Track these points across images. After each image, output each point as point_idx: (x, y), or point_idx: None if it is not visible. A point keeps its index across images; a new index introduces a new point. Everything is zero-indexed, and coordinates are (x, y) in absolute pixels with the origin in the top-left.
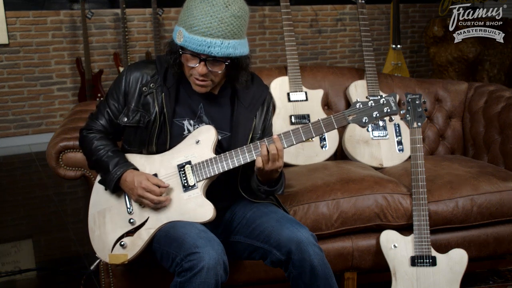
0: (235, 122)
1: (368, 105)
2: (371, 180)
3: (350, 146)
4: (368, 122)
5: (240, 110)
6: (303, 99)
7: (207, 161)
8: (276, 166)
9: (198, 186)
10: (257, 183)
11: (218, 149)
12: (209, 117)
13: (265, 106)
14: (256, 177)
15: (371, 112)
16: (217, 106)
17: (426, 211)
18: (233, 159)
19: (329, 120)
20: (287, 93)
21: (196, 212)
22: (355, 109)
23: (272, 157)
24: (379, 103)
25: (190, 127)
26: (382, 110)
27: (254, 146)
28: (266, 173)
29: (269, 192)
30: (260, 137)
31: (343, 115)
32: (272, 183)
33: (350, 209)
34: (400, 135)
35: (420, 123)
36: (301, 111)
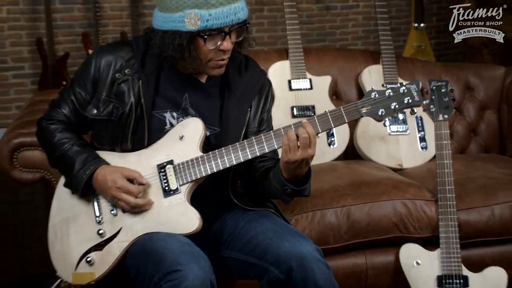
0: (225, 115)
1: (385, 95)
2: (388, 183)
3: (363, 143)
4: (385, 115)
5: (231, 101)
6: (307, 87)
7: (193, 160)
8: (308, 154)
9: (182, 190)
10: (283, 182)
11: (206, 147)
12: (196, 110)
13: (262, 96)
14: (280, 175)
15: (389, 103)
16: (205, 97)
17: (455, 220)
18: (224, 159)
19: (338, 112)
20: (288, 80)
21: (179, 221)
22: (370, 100)
23: (303, 143)
24: (399, 93)
25: (172, 121)
26: (402, 100)
27: (249, 143)
28: (294, 166)
29: (297, 192)
30: (255, 132)
31: (355, 106)
32: (300, 180)
33: (364, 218)
34: (423, 130)
35: (447, 115)
36: (304, 101)
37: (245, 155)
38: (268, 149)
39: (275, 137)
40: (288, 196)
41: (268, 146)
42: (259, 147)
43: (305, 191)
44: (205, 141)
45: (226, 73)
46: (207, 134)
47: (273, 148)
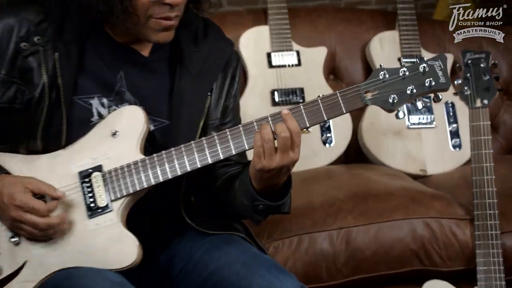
0: (177, 102)
1: (398, 75)
2: (405, 195)
3: (371, 140)
4: (398, 103)
5: (185, 82)
6: (293, 63)
7: (130, 166)
8: (289, 159)
9: (114, 208)
10: (253, 196)
11: (149, 147)
12: (135, 94)
13: (228, 75)
14: (249, 185)
15: (403, 87)
16: (147, 76)
17: (498, 247)
18: (174, 164)
19: (333, 99)
20: (267, 53)
21: (109, 251)
22: (377, 82)
23: (283, 144)
24: (417, 71)
25: (102, 110)
26: (421, 83)
27: (209, 142)
28: (270, 175)
29: (273, 209)
30: (217, 125)
31: (356, 91)
32: (276, 193)
33: (370, 244)
34: (456, 122)
35: (488, 101)
36: (290, 83)
37: (203, 159)
38: (235, 150)
39: (245, 134)
40: (259, 214)
41: (235, 146)
42: (223, 148)
43: (283, 207)
44: (148, 139)
45: (177, 43)
46: (151, 129)
47: (242, 149)
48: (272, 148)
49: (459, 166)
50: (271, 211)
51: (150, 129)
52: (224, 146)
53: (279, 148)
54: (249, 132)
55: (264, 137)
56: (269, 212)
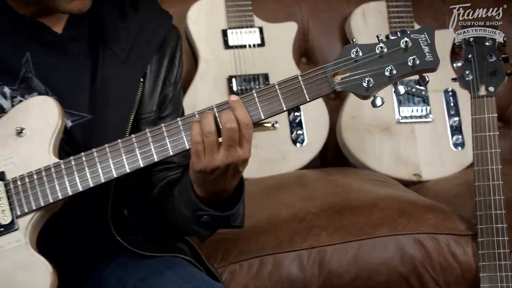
0: (100, 91)
1: (374, 52)
2: (391, 206)
3: (352, 138)
4: (374, 87)
5: (110, 66)
6: (255, 42)
7: (41, 173)
8: (236, 156)
9: (20, 226)
10: (195, 204)
11: (66, 148)
12: (46, 81)
13: (165, 56)
14: (191, 191)
15: (380, 67)
16: (62, 58)
17: (507, 270)
18: (97, 169)
19: (294, 84)
20: (223, 30)
21: (15, 280)
22: (347, 61)
23: (229, 137)
24: (398, 48)
25: (3, 102)
26: (403, 62)
27: (140, 140)
28: (214, 177)
29: (220, 220)
30: (153, 119)
31: (322, 73)
32: (226, 202)
33: (348, 267)
34: (458, 114)
35: (494, 88)
36: (251, 67)
37: (133, 162)
38: (173, 151)
39: (186, 130)
40: (204, 227)
41: (173, 145)
42: (157, 147)
43: (233, 219)
44: (64, 138)
45: (99, 17)
46: (68, 125)
47: (181, 148)
48: (214, 142)
49: (462, 170)
50: (218, 223)
51: (67, 126)
52: (158, 145)
53: (223, 142)
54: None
55: (204, 129)
56: (216, 225)
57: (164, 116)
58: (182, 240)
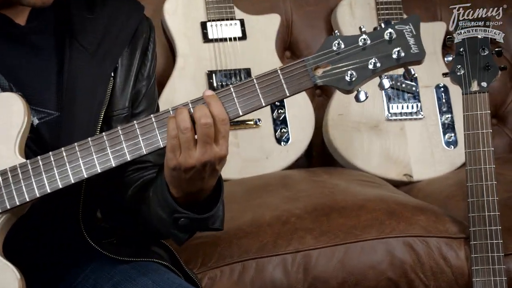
0: (68, 87)
1: (357, 44)
2: (380, 208)
3: (339, 136)
4: (357, 81)
5: (77, 61)
6: (236, 35)
7: (6, 173)
8: (213, 154)
9: None
10: (171, 205)
11: (33, 146)
12: (9, 77)
13: (137, 48)
14: (166, 192)
15: (363, 60)
16: (26, 52)
17: (501, 274)
18: (65, 169)
19: (273, 78)
20: (202, 23)
21: None
22: (329, 54)
23: (204, 133)
24: (382, 39)
25: None
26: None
27: (111, 138)
28: (190, 176)
29: (197, 223)
30: (126, 116)
31: (303, 66)
32: (204, 203)
33: (335, 271)
34: (451, 111)
35: (486, 83)
36: (232, 63)
37: (104, 162)
38: (146, 150)
39: (160, 127)
40: (181, 230)
41: (146, 143)
42: (130, 145)
43: (212, 221)
44: (31, 136)
45: (64, 8)
46: (34, 123)
47: (156, 147)
48: (190, 139)
49: (454, 169)
50: (196, 226)
51: (33, 124)
52: (131, 143)
53: (198, 139)
54: (165, 124)
55: (180, 125)
56: (194, 228)
57: (138, 112)
58: (159, 245)
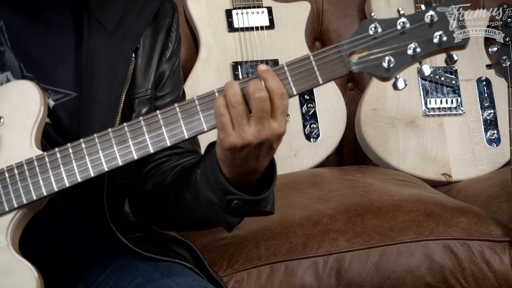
0: (86, 65)
1: (395, 28)
2: (417, 208)
3: (373, 133)
4: (395, 67)
5: (96, 40)
6: (263, 24)
7: (22, 166)
8: (271, 131)
9: (0, 226)
10: (225, 187)
11: (50, 130)
12: (21, 55)
13: (161, 29)
14: (219, 172)
15: (402, 45)
16: (41, 28)
17: None
18: (85, 161)
19: (304, 65)
20: (227, 11)
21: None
22: (365, 38)
23: (259, 108)
24: (422, 22)
25: None
26: (428, 38)
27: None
28: (244, 155)
29: (251, 205)
30: (149, 99)
31: (337, 52)
32: (254, 184)
33: (369, 275)
34: (493, 106)
35: None
36: (259, 53)
37: (125, 155)
38: (170, 141)
39: (184, 118)
40: (232, 214)
41: (170, 134)
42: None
43: (265, 204)
44: (49, 122)
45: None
46: (51, 105)
47: (180, 138)
48: (242, 113)
49: (497, 169)
50: (249, 209)
51: (49, 105)
52: (154, 134)
53: (254, 114)
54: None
55: (230, 99)
56: (246, 211)
57: (162, 95)
58: (182, 245)
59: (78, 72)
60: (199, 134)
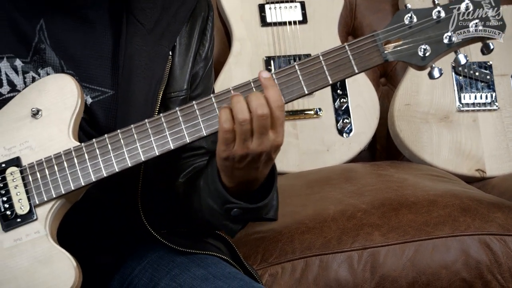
0: (124, 64)
1: (431, 17)
2: (453, 203)
3: (406, 128)
4: (431, 56)
5: (134, 38)
6: (296, 19)
7: (60, 157)
8: (268, 144)
9: (39, 216)
10: (224, 196)
11: (87, 128)
12: (61, 53)
13: (196, 28)
14: (218, 182)
15: (438, 33)
16: (80, 27)
17: None
18: (122, 151)
19: (340, 54)
20: (260, 5)
21: (35, 277)
22: (400, 28)
23: (260, 125)
24: (459, 11)
25: (14, 77)
26: (464, 26)
27: (169, 120)
28: (244, 165)
29: (250, 213)
30: (184, 98)
31: (372, 41)
32: (255, 192)
33: (404, 270)
34: None
35: None
36: (292, 48)
37: (162, 145)
38: (206, 131)
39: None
40: (233, 221)
41: (206, 124)
42: (189, 127)
43: (265, 211)
44: (84, 117)
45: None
46: (88, 102)
47: (216, 128)
48: (249, 131)
49: None
50: (249, 216)
51: (87, 103)
52: (190, 124)
53: (255, 130)
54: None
55: (238, 116)
56: (247, 218)
57: (194, 96)
58: (217, 237)
59: (116, 70)
60: None
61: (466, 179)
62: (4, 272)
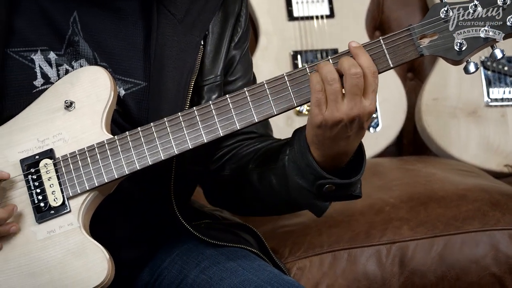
0: (155, 55)
1: (467, 10)
2: (482, 198)
3: (434, 123)
4: (467, 50)
5: (165, 28)
6: (324, 13)
7: (94, 150)
8: (361, 108)
9: (72, 208)
10: (316, 171)
11: (120, 120)
12: (95, 45)
13: (230, 13)
14: (309, 156)
15: (474, 27)
16: (112, 19)
17: None
18: (155, 144)
19: (375, 49)
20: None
21: (68, 269)
22: (436, 22)
23: (353, 85)
24: (495, 5)
25: (48, 69)
26: (501, 21)
27: (202, 113)
28: (335, 134)
29: (343, 189)
30: (218, 85)
31: (408, 35)
32: (346, 166)
33: (433, 265)
34: None
35: None
36: (319, 42)
37: (195, 138)
38: (240, 125)
39: (253, 102)
40: (323, 198)
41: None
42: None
43: (355, 187)
44: (117, 109)
45: None
46: (121, 94)
47: (249, 122)
48: (338, 91)
49: None
50: (340, 193)
51: (120, 95)
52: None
53: (348, 91)
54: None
55: (327, 76)
56: (338, 195)
57: (233, 80)
58: (247, 231)
59: (148, 62)
60: (269, 117)
61: (494, 175)
62: (37, 264)
